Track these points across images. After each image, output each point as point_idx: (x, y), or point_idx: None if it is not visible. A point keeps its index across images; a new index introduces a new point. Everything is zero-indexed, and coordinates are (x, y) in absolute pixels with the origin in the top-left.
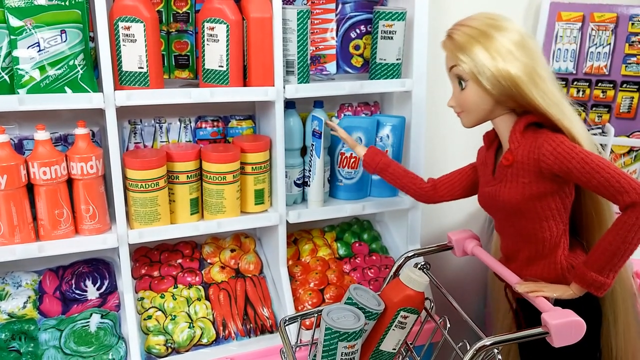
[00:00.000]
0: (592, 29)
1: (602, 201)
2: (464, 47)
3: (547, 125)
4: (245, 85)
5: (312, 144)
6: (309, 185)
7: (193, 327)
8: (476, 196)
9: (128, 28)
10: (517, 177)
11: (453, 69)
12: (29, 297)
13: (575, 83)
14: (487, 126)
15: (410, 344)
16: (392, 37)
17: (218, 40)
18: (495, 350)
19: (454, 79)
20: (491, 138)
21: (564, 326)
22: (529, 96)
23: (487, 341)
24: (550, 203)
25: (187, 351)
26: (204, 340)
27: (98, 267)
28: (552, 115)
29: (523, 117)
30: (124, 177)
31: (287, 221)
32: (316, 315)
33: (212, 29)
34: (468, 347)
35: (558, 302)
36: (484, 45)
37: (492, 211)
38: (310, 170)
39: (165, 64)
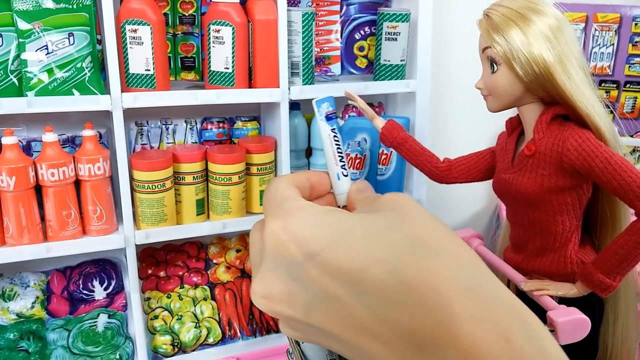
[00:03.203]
0: (596, 30)
1: (619, 202)
2: (500, 28)
3: (575, 119)
4: (250, 86)
5: (332, 131)
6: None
7: (199, 326)
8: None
9: (135, 31)
10: (537, 168)
11: (486, 50)
12: (37, 298)
13: None
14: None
15: None
16: (396, 39)
17: (224, 42)
18: None
19: (485, 61)
20: (514, 125)
21: (569, 324)
22: (560, 86)
23: None
24: (567, 198)
25: (193, 351)
26: (210, 340)
27: (105, 267)
28: (581, 109)
29: (551, 107)
30: (131, 179)
31: None
32: None
33: (218, 31)
34: None
35: (562, 300)
36: (521, 29)
37: (506, 199)
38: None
39: (172, 66)
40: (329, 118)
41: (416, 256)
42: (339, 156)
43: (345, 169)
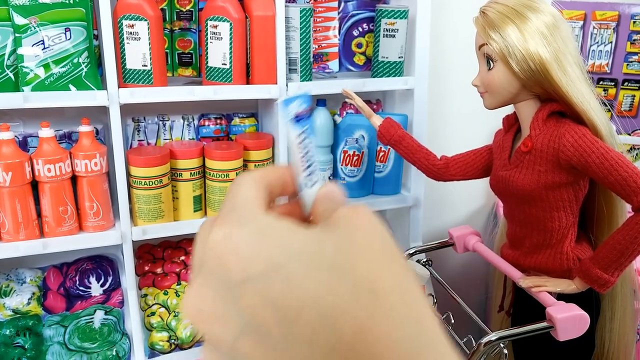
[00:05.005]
0: (594, 27)
1: (615, 198)
2: (496, 25)
3: (571, 115)
4: (248, 83)
5: (301, 134)
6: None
7: None
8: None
9: (132, 26)
10: (534, 164)
11: (483, 47)
12: (34, 294)
13: None
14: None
15: None
16: (394, 35)
17: (221, 38)
18: (502, 345)
19: (482, 58)
20: (511, 122)
21: (569, 320)
22: (556, 83)
23: (493, 336)
24: (563, 194)
25: (190, 347)
26: None
27: (102, 263)
28: (577, 105)
29: (547, 104)
30: (128, 175)
31: None
32: None
33: (216, 27)
34: (473, 343)
35: (560, 296)
36: (517, 26)
37: (503, 196)
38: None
39: (169, 61)
40: (299, 119)
41: (356, 301)
42: (306, 164)
43: (311, 179)
